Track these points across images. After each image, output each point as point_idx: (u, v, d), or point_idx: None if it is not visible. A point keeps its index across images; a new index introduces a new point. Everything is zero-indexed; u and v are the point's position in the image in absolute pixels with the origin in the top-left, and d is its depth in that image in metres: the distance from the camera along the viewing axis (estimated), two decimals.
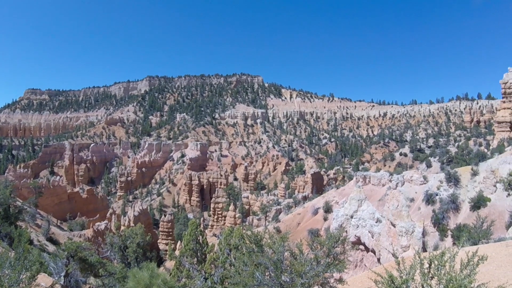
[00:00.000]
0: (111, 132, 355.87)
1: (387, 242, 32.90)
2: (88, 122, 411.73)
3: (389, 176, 77.10)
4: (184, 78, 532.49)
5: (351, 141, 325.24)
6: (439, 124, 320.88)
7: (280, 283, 15.24)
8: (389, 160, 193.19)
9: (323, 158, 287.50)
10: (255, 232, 19.50)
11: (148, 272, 19.41)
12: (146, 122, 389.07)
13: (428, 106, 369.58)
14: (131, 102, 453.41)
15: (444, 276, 9.83)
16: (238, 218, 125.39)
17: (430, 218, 58.28)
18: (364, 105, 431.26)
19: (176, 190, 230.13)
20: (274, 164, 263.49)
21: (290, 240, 17.54)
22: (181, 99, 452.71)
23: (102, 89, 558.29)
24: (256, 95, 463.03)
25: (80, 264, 24.39)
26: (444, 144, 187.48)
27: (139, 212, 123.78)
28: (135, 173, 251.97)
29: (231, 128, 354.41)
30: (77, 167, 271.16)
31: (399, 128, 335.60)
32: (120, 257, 48.33)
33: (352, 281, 18.94)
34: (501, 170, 58.93)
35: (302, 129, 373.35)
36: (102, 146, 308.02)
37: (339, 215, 42.58)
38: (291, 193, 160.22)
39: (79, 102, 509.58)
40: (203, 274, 25.14)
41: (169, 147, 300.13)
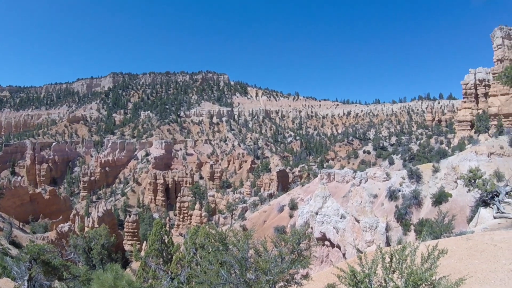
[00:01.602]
0: (73, 130, 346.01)
1: (351, 237, 33.46)
2: (50, 120, 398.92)
3: (353, 173, 78.62)
4: (149, 75, 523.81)
5: (316, 139, 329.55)
6: (402, 123, 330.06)
7: (245, 281, 15.19)
8: (353, 158, 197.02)
9: (289, 156, 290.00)
10: (220, 230, 19.41)
11: (112, 274, 19.03)
12: (109, 120, 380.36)
13: (391, 106, 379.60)
14: (94, 99, 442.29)
15: (405, 270, 9.95)
16: (204, 217, 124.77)
17: (393, 213, 59.78)
18: (328, 104, 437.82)
19: (140, 189, 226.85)
20: (239, 162, 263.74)
21: (256, 237, 17.50)
22: (145, 97, 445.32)
23: (65, 86, 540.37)
24: (222, 93, 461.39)
25: (43, 268, 23.62)
26: (406, 142, 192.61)
27: (103, 213, 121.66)
28: (99, 173, 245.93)
29: (196, 126, 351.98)
30: (39, 167, 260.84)
31: (363, 126, 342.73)
32: (84, 259, 47.24)
33: (318, 276, 19.14)
34: (461, 167, 61.14)
35: (268, 128, 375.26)
36: (64, 145, 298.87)
37: (304, 212, 43.03)
38: (257, 191, 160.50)
39: (41, 99, 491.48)
40: (169, 274, 24.87)
41: (133, 145, 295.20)
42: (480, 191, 26.10)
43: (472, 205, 45.10)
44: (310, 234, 17.94)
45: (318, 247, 38.25)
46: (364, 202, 33.46)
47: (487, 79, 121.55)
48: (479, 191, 26.57)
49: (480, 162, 60.76)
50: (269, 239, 17.51)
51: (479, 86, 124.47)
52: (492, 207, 24.90)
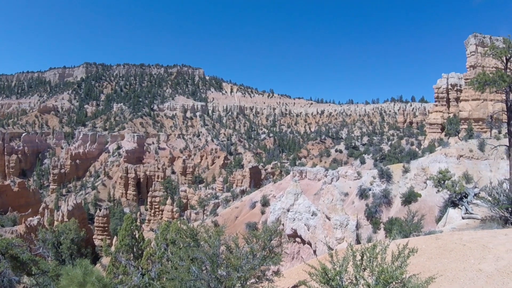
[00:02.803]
0: (44, 121, 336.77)
1: (322, 234, 33.77)
2: (20, 110, 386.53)
3: (325, 172, 79.43)
4: (122, 67, 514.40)
5: (289, 137, 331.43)
6: (374, 123, 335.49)
7: (216, 277, 15.15)
8: (325, 156, 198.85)
9: (261, 153, 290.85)
10: (191, 226, 19.28)
11: (82, 270, 18.58)
12: (81, 111, 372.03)
13: (364, 106, 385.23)
14: (66, 90, 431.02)
15: (376, 268, 10.04)
16: (176, 212, 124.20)
17: (364, 211, 60.75)
18: (302, 102, 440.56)
19: (111, 183, 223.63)
20: (212, 158, 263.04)
21: (227, 233, 17.45)
22: (118, 89, 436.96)
23: (37, 75, 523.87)
24: (197, 87, 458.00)
25: (11, 262, 23.01)
26: (377, 142, 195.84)
27: (73, 207, 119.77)
28: (69, 165, 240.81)
29: (169, 120, 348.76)
30: (8, 158, 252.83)
31: (336, 126, 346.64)
32: (54, 254, 46.07)
33: (288, 273, 19.24)
34: (431, 168, 62.70)
35: (242, 124, 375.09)
36: (34, 136, 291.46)
37: (276, 209, 43.21)
38: (229, 187, 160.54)
39: (12, 88, 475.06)
40: (140, 270, 24.54)
41: (105, 138, 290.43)
42: (449, 192, 26.72)
43: (441, 205, 46.11)
44: (281, 231, 17.99)
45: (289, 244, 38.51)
46: (335, 200, 33.82)
47: (459, 84, 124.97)
48: (448, 192, 27.20)
49: (450, 164, 62.37)
50: (240, 236, 17.50)
51: (451, 90, 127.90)
52: (461, 208, 25.52)
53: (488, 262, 12.80)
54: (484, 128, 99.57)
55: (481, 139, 70.34)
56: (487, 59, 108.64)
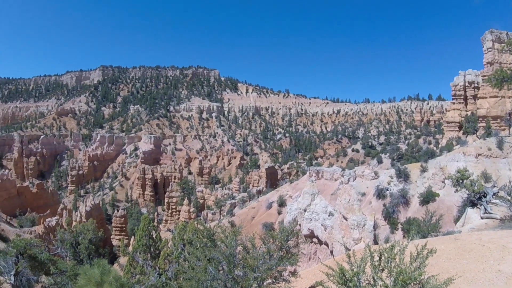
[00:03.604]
0: (62, 123, 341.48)
1: (339, 235, 33.56)
2: (38, 113, 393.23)
3: (342, 171, 78.79)
4: (138, 69, 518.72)
5: (305, 137, 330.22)
6: (391, 122, 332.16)
7: (233, 278, 15.16)
8: (342, 156, 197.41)
9: (278, 153, 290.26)
10: (208, 226, 19.34)
11: (99, 269, 18.83)
12: (98, 113, 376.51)
13: (381, 105, 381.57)
14: (83, 92, 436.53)
15: (394, 269, 9.95)
16: (193, 213, 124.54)
17: (381, 212, 60.09)
18: (318, 102, 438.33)
19: (129, 184, 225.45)
20: (229, 159, 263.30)
21: (244, 234, 17.46)
22: (135, 91, 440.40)
23: (54, 78, 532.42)
24: (212, 88, 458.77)
25: (30, 262, 23.42)
26: (395, 141, 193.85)
27: (91, 207, 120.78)
28: (87, 167, 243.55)
29: (185, 122, 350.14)
30: (27, 160, 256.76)
31: (352, 125, 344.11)
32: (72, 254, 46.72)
33: (305, 274, 19.16)
34: (449, 167, 61.70)
35: (257, 124, 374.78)
36: (52, 138, 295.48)
37: (292, 209, 43.09)
38: (246, 188, 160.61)
39: (30, 91, 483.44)
40: (157, 269, 24.70)
41: (122, 139, 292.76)
42: (468, 192, 26.29)
43: (459, 205, 45.42)
44: (298, 231, 17.93)
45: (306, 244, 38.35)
46: (352, 200, 33.56)
47: (476, 81, 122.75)
48: (466, 191, 26.78)
49: (468, 163, 61.28)
50: (257, 236, 17.48)
51: (468, 88, 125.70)
52: (479, 207, 25.10)
53: (508, 263, 12.57)
54: (503, 125, 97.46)
55: (499, 137, 68.94)
56: (504, 56, 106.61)
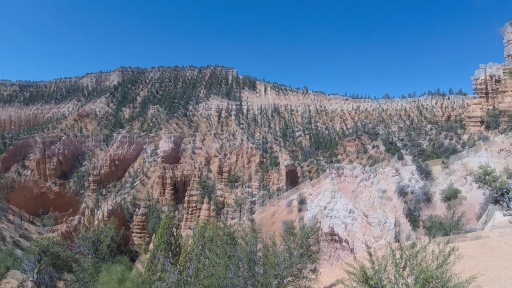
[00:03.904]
0: (83, 124, 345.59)
1: (360, 232, 33.32)
2: (59, 115, 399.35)
3: (362, 169, 77.83)
4: (157, 70, 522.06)
5: (325, 135, 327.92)
6: (411, 118, 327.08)
7: (253, 275, 15.20)
8: (362, 153, 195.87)
9: (297, 151, 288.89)
10: (228, 224, 19.42)
11: (120, 267, 19.12)
12: (118, 114, 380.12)
13: (401, 101, 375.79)
14: (103, 94, 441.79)
15: (416, 267, 9.85)
16: (213, 211, 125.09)
17: (402, 209, 59.27)
18: (338, 99, 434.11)
19: (149, 183, 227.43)
20: (248, 157, 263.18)
21: (264, 232, 17.50)
22: (154, 91, 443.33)
23: (74, 81, 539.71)
24: (231, 88, 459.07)
25: (52, 260, 23.90)
26: (416, 138, 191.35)
27: (112, 207, 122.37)
28: (108, 167, 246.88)
29: (205, 121, 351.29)
30: (49, 161, 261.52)
31: (372, 122, 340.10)
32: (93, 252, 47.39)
33: (326, 271, 19.09)
34: (471, 163, 60.54)
35: (277, 123, 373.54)
36: (73, 139, 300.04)
37: (313, 207, 42.97)
38: (266, 186, 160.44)
39: (50, 94, 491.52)
40: (177, 267, 24.92)
41: (142, 140, 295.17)
42: (490, 188, 25.80)
43: (482, 202, 44.64)
44: (318, 229, 17.86)
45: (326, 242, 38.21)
46: (373, 198, 33.28)
47: (498, 75, 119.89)
48: (489, 188, 26.28)
49: (490, 159, 60.07)
50: (277, 234, 17.49)
51: (489, 82, 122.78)
52: (502, 204, 24.61)
53: None
54: None
55: None
56: None
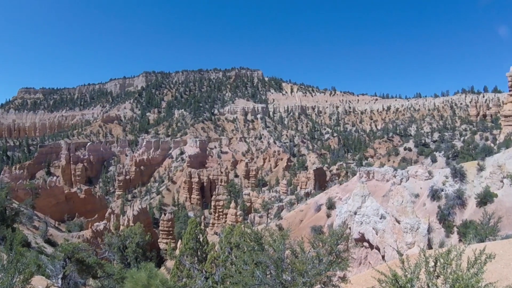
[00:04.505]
0: (108, 130, 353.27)
1: (391, 239, 32.50)
2: (84, 121, 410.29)
3: (394, 172, 76.45)
4: (181, 73, 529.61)
5: (354, 136, 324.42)
6: (444, 118, 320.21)
7: (281, 282, 14.91)
8: (393, 155, 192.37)
9: (326, 153, 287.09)
10: (255, 230, 19.15)
11: (146, 273, 19.13)
12: (143, 119, 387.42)
13: (433, 100, 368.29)
14: (127, 99, 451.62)
15: (451, 275, 9.54)
16: (240, 216, 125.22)
17: (436, 214, 57.68)
18: (367, 99, 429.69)
19: (175, 188, 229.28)
20: (275, 160, 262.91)
21: (292, 237, 17.16)
22: (179, 95, 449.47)
23: (98, 86, 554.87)
24: (256, 89, 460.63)
25: (77, 266, 24.06)
26: (449, 138, 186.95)
27: (138, 211, 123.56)
28: (134, 172, 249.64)
29: (230, 124, 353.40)
30: (74, 167, 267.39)
31: (403, 122, 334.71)
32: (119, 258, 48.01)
33: (356, 279, 18.54)
34: (508, 165, 58.49)
35: (304, 124, 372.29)
36: (99, 145, 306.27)
37: (342, 212, 42.25)
38: (293, 190, 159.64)
39: (75, 100, 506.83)
40: (203, 273, 24.84)
41: (168, 144, 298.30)
42: None
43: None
44: (349, 235, 17.38)
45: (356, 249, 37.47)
46: (405, 202, 32.39)
47: None
48: None
49: None
50: (306, 240, 17.12)
51: None
52: None
53: None
54: None
55: None
56: None
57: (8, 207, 53.10)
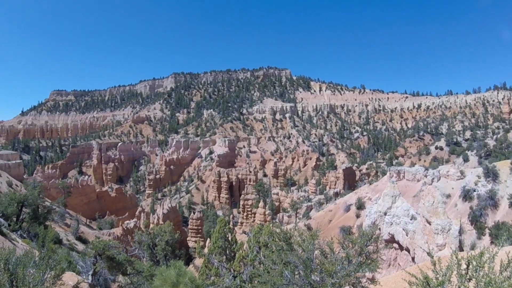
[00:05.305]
0: (138, 130, 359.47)
1: (422, 240, 31.97)
2: (115, 121, 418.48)
3: (425, 171, 75.01)
4: (210, 74, 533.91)
5: (384, 135, 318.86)
6: (476, 115, 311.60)
7: (309, 283, 14.92)
8: (424, 154, 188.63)
9: (355, 152, 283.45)
10: (284, 229, 19.19)
11: (175, 270, 19.41)
12: (173, 119, 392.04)
13: (465, 97, 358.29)
14: (157, 100, 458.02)
15: (483, 278, 9.41)
16: (268, 215, 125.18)
17: (467, 215, 56.32)
18: (397, 97, 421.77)
19: (205, 187, 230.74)
20: (304, 160, 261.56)
21: (321, 238, 17.12)
22: (207, 95, 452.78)
23: (128, 88, 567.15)
24: (284, 88, 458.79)
25: (107, 263, 24.65)
26: (481, 137, 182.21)
27: (168, 210, 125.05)
28: (164, 171, 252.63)
29: (259, 123, 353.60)
30: (105, 166, 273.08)
31: (434, 120, 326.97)
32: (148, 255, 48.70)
33: (385, 281, 18.34)
34: None
35: (333, 123, 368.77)
36: (129, 145, 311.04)
37: (372, 212, 41.83)
38: (322, 189, 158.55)
39: (105, 102, 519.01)
40: (232, 272, 24.99)
41: (197, 144, 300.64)
42: None
43: None
44: (378, 236, 17.21)
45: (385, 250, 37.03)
46: (437, 203, 31.77)
47: None
48: None
49: None
50: (335, 240, 17.04)
51: None
52: None
53: None
54: None
55: None
56: None
57: (41, 205, 54.67)
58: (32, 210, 49.17)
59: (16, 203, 45.14)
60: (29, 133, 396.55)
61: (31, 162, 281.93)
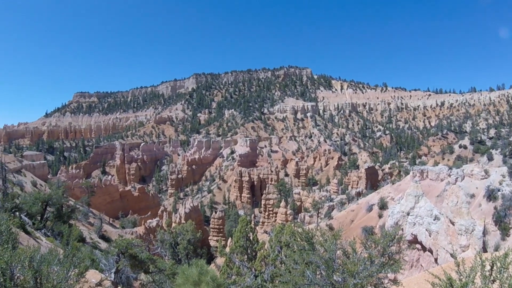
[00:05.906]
0: (160, 131, 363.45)
1: (445, 241, 31.54)
2: (137, 122, 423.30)
3: (448, 170, 73.69)
4: (230, 74, 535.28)
5: (406, 133, 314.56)
6: (501, 113, 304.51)
7: (331, 283, 14.92)
8: (448, 153, 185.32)
9: (378, 152, 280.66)
10: (306, 229, 19.22)
11: (197, 269, 19.60)
12: (194, 119, 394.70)
13: (489, 94, 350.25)
14: (179, 101, 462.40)
15: (507, 280, 9.32)
16: (290, 215, 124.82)
17: (492, 215, 55.14)
18: (420, 95, 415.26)
19: (226, 186, 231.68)
20: (326, 159, 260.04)
21: (343, 238, 17.10)
22: (228, 95, 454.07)
23: (150, 89, 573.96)
24: (305, 87, 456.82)
25: (130, 261, 25.04)
26: (506, 135, 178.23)
27: (190, 209, 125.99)
28: (186, 171, 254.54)
29: (280, 123, 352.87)
30: (128, 166, 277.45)
31: (458, 118, 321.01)
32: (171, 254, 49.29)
33: (408, 282, 18.22)
34: None
35: (355, 122, 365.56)
36: (152, 145, 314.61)
37: (394, 212, 41.46)
38: (344, 189, 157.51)
39: (128, 103, 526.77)
40: (253, 271, 25.08)
41: (219, 143, 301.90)
42: None
43: None
44: (401, 236, 17.10)
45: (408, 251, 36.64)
46: (461, 203, 31.31)
47: None
48: None
49: None
50: (358, 240, 17.01)
51: None
52: None
53: None
54: None
55: None
56: None
57: (65, 205, 55.83)
58: (56, 209, 50.23)
59: (40, 202, 46.15)
60: (53, 134, 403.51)
61: (55, 162, 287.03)
